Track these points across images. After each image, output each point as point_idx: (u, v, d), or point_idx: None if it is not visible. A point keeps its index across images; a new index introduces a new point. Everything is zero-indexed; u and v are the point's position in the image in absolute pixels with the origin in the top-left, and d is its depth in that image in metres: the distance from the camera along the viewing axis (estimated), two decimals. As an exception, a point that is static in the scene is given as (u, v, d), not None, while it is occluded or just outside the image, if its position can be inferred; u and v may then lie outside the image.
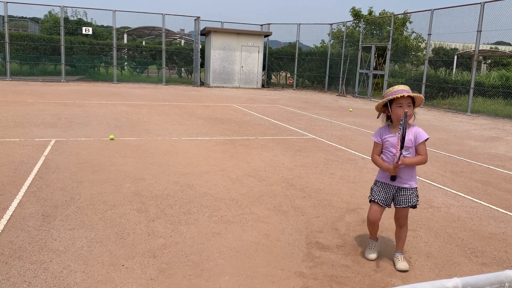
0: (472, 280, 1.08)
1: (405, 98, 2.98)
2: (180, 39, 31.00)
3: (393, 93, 3.01)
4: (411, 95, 2.99)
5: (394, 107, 3.03)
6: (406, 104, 2.99)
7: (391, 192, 3.16)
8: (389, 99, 3.03)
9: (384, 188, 3.17)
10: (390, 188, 3.16)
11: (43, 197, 4.34)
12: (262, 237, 3.61)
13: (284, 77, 27.04)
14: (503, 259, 3.45)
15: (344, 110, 14.59)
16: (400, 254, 3.23)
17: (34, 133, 7.58)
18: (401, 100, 2.99)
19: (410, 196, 3.12)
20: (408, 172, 3.12)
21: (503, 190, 5.48)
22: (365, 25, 22.36)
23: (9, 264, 2.95)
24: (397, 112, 3.02)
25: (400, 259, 3.19)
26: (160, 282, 2.83)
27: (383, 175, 3.18)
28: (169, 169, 5.63)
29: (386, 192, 3.16)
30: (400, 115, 2.98)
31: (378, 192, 3.19)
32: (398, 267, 3.15)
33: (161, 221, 3.86)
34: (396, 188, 3.14)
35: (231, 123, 10.00)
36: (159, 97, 15.55)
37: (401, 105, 3.00)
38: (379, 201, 3.18)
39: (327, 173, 5.85)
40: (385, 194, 3.17)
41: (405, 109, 2.96)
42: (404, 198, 3.13)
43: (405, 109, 2.97)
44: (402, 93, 2.97)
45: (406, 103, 3.00)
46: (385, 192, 3.17)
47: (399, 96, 2.96)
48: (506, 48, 28.43)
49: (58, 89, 16.65)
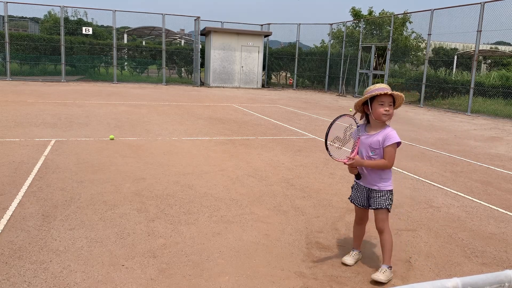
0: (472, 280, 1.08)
1: (387, 96, 2.91)
2: (180, 39, 30.99)
3: (375, 90, 2.92)
4: (392, 94, 2.92)
5: (376, 105, 2.93)
6: (387, 103, 2.92)
7: (364, 193, 3.10)
8: (372, 95, 2.92)
9: (357, 189, 3.15)
10: (362, 188, 3.10)
11: (43, 197, 4.34)
12: (262, 237, 3.61)
13: (284, 77, 27.04)
14: (503, 259, 3.45)
15: (344, 110, 14.59)
16: (385, 266, 2.99)
17: (34, 133, 7.58)
18: (383, 98, 2.91)
19: (380, 198, 3.01)
20: (376, 174, 3.01)
21: (503, 190, 5.48)
22: (365, 25, 22.36)
23: (9, 264, 2.95)
24: (378, 110, 2.92)
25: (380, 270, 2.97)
26: (160, 282, 2.83)
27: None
28: (169, 169, 5.63)
29: (360, 193, 3.12)
30: (381, 114, 2.91)
31: (353, 192, 3.19)
32: (374, 275, 2.93)
33: (161, 221, 3.86)
34: (368, 189, 3.07)
35: (231, 123, 10.00)
36: (159, 97, 15.54)
37: (382, 103, 2.91)
38: (354, 202, 3.17)
39: (327, 173, 5.85)
40: (359, 194, 3.13)
41: (386, 108, 2.90)
42: (374, 200, 3.03)
43: (387, 107, 2.90)
44: (384, 90, 2.89)
45: (387, 102, 2.92)
46: (359, 192, 3.13)
47: (382, 93, 2.89)
48: (506, 48, 28.43)
49: (58, 89, 16.65)
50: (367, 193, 3.09)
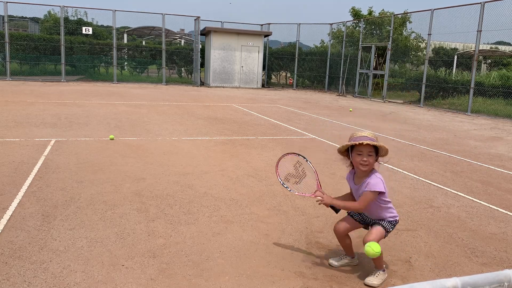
0: (471, 279, 1.08)
1: (364, 146, 2.80)
2: (180, 39, 31.00)
3: (354, 139, 2.85)
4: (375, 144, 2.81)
5: (354, 153, 2.87)
6: (366, 153, 2.82)
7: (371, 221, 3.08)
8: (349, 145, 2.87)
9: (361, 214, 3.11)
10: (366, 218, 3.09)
11: (43, 197, 4.34)
12: (262, 237, 3.61)
13: (284, 77, 27.04)
14: (503, 259, 3.45)
15: (344, 110, 14.59)
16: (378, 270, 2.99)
17: (34, 133, 7.58)
18: (360, 147, 2.82)
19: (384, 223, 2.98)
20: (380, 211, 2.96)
21: (503, 190, 5.47)
22: (365, 25, 22.36)
23: (9, 264, 2.95)
24: (356, 159, 2.86)
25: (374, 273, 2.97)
26: (160, 282, 2.83)
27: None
28: (169, 169, 5.63)
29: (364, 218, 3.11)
30: (358, 163, 2.85)
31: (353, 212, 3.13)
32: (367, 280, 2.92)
33: (161, 221, 3.86)
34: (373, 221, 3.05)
35: (231, 123, 10.00)
36: (159, 97, 15.54)
37: (361, 153, 2.83)
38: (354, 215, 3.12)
39: (327, 173, 5.85)
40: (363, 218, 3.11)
41: (363, 158, 2.82)
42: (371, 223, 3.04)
43: (364, 157, 2.82)
44: (361, 140, 2.79)
45: (366, 152, 2.82)
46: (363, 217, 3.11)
47: (358, 143, 2.80)
48: (506, 48, 28.43)
49: (58, 89, 16.65)
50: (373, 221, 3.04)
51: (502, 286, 1.12)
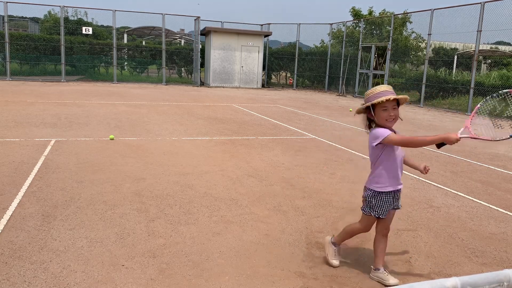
0: (471, 279, 1.08)
1: (390, 101, 2.75)
2: (180, 39, 31.00)
3: (377, 96, 2.77)
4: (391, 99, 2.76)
5: (379, 110, 2.79)
6: (391, 107, 2.78)
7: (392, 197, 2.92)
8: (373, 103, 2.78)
9: (387, 199, 2.90)
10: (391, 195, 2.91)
11: (43, 197, 4.34)
12: (262, 237, 3.61)
13: (284, 77, 27.04)
14: (503, 259, 3.45)
15: (344, 110, 14.59)
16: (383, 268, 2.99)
17: (34, 133, 7.58)
18: (386, 103, 2.75)
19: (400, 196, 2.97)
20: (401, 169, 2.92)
21: (503, 190, 5.47)
22: (365, 25, 22.36)
23: (9, 264, 2.95)
24: (382, 115, 2.78)
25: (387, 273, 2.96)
26: (160, 282, 2.83)
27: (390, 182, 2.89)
28: (169, 169, 5.63)
29: (390, 202, 2.92)
30: (384, 119, 2.77)
31: (383, 206, 2.90)
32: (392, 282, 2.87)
33: (161, 221, 3.86)
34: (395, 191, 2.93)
35: (231, 123, 10.00)
36: (159, 97, 15.54)
37: (386, 108, 2.77)
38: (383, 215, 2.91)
39: (327, 173, 5.85)
40: (388, 205, 2.92)
41: (390, 113, 2.77)
42: (398, 200, 2.97)
43: (391, 112, 2.78)
44: (387, 96, 2.74)
45: (391, 106, 2.78)
46: (389, 202, 2.91)
47: (384, 99, 2.73)
48: (506, 48, 28.42)
49: (58, 89, 16.65)
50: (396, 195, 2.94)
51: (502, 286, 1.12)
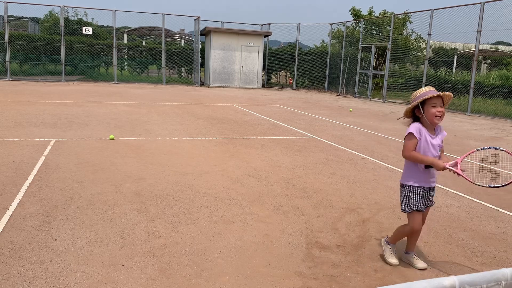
0: (469, 278, 1.08)
1: (437, 97, 2.99)
2: (180, 39, 31.00)
3: (426, 94, 3.02)
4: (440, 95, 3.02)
5: (428, 107, 3.03)
6: (439, 104, 3.01)
7: (426, 194, 3.18)
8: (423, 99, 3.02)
9: (423, 193, 3.15)
10: (426, 191, 3.17)
11: (43, 197, 4.34)
12: (262, 237, 3.61)
13: (284, 77, 27.04)
14: (503, 259, 3.45)
15: (344, 110, 14.59)
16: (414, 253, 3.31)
17: (34, 133, 7.58)
18: (434, 100, 3.00)
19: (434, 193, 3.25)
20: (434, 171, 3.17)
21: (503, 190, 5.47)
22: (365, 25, 22.36)
23: (9, 264, 2.95)
24: (432, 111, 3.02)
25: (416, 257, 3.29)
26: (160, 282, 2.83)
27: (421, 178, 3.14)
28: (169, 169, 5.63)
29: (424, 197, 3.17)
30: (433, 115, 3.01)
31: (419, 199, 3.14)
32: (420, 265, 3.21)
33: (161, 221, 3.86)
34: (429, 188, 3.19)
35: (231, 123, 10.00)
36: (159, 97, 15.55)
37: (435, 104, 3.01)
38: (422, 208, 3.16)
39: (327, 173, 5.85)
40: (424, 199, 3.16)
41: (439, 109, 3.00)
42: (432, 197, 3.25)
43: (439, 108, 3.01)
44: (435, 93, 3.00)
45: (439, 103, 3.01)
46: (424, 197, 3.16)
47: (434, 96, 2.98)
48: (506, 48, 28.44)
49: (58, 89, 16.65)
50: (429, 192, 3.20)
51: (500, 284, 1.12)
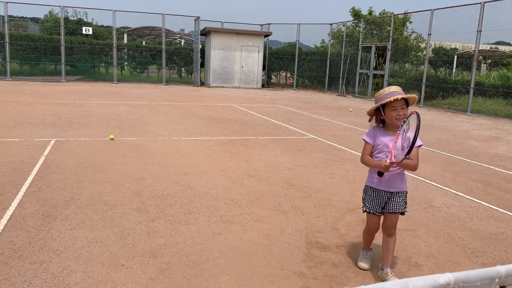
0: (464, 275, 1.09)
1: (398, 100, 2.82)
2: (180, 39, 31.00)
3: (385, 97, 2.85)
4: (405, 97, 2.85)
5: (388, 110, 2.87)
6: (399, 107, 2.83)
7: (383, 199, 2.99)
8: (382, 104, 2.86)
9: (375, 196, 3.00)
10: (381, 194, 2.98)
11: (43, 197, 4.34)
12: (262, 237, 3.61)
13: (284, 77, 27.04)
14: (503, 259, 3.45)
15: (344, 110, 14.59)
16: (389, 269, 2.99)
17: (34, 133, 7.58)
18: (394, 103, 2.83)
19: (400, 201, 2.97)
20: (399, 176, 2.95)
21: (503, 190, 5.48)
22: (365, 25, 22.35)
23: (9, 264, 2.95)
24: (391, 115, 2.86)
25: (391, 275, 2.97)
26: (160, 282, 2.83)
27: (373, 180, 3.00)
28: (169, 169, 5.63)
29: (378, 200, 3.00)
30: (393, 118, 2.84)
31: (370, 201, 3.02)
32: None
33: (161, 221, 3.86)
34: (388, 194, 2.97)
35: (231, 123, 10.00)
36: (159, 97, 15.55)
37: (395, 108, 2.84)
38: (374, 211, 3.01)
39: (327, 173, 5.85)
40: (377, 202, 3.00)
41: (399, 113, 2.83)
42: (394, 204, 2.97)
43: (399, 112, 2.83)
44: (394, 96, 2.81)
45: (399, 106, 2.84)
46: (377, 199, 3.00)
47: (392, 99, 2.80)
48: (506, 48, 28.43)
49: (58, 89, 16.65)
50: (385, 198, 2.99)
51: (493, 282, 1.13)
